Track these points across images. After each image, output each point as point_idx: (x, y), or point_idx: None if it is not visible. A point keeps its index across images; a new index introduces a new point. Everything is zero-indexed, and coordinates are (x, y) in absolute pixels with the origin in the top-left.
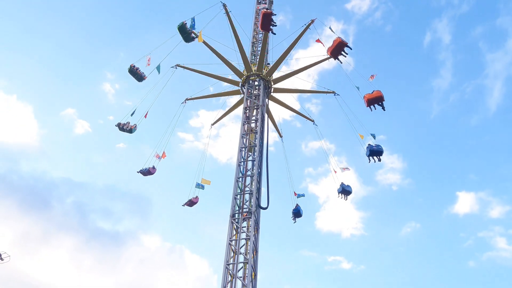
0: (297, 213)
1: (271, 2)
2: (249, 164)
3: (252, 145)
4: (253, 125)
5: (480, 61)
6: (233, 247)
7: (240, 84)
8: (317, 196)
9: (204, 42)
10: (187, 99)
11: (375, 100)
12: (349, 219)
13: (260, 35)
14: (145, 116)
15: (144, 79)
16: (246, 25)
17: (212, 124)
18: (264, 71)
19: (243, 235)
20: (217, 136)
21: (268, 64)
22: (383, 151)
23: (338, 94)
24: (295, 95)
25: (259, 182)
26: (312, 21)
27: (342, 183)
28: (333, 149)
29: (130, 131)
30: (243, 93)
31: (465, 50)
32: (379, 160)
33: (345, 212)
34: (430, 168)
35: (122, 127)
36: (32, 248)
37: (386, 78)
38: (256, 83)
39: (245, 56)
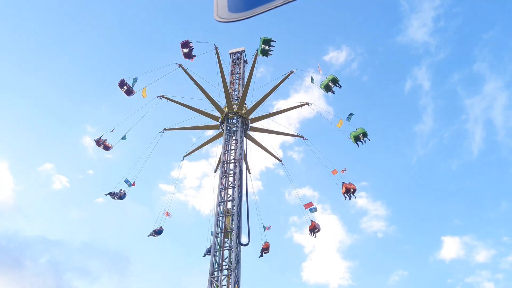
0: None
1: (245, 61)
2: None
3: (229, 230)
4: (231, 179)
5: (460, 106)
6: None
7: (219, 120)
8: (302, 245)
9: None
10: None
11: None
12: (336, 269)
13: (237, 74)
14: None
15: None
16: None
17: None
18: (244, 110)
19: None
20: (199, 186)
21: (246, 104)
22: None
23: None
24: (278, 143)
25: (238, 236)
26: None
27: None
28: (316, 196)
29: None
30: (222, 129)
31: (445, 96)
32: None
33: (331, 262)
34: (414, 214)
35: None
36: None
37: (368, 126)
38: (234, 120)
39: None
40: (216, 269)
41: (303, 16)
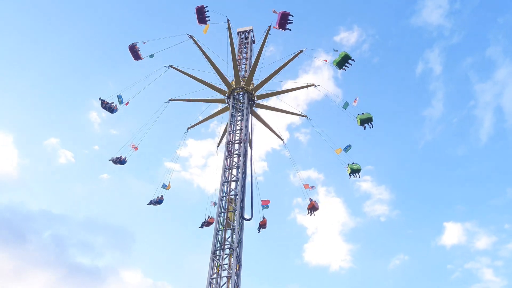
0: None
1: (252, 41)
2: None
3: (232, 210)
4: (235, 159)
5: (470, 91)
6: (214, 286)
7: (226, 94)
8: (305, 227)
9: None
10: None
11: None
12: (338, 252)
13: (244, 54)
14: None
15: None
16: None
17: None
18: (251, 87)
19: (225, 273)
20: (205, 165)
21: (253, 82)
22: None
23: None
24: (285, 124)
25: (241, 216)
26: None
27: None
28: (321, 178)
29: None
30: (228, 104)
31: (456, 81)
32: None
33: (333, 244)
34: (417, 199)
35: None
36: (3, 286)
37: (376, 109)
38: (240, 96)
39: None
40: (218, 248)
41: None
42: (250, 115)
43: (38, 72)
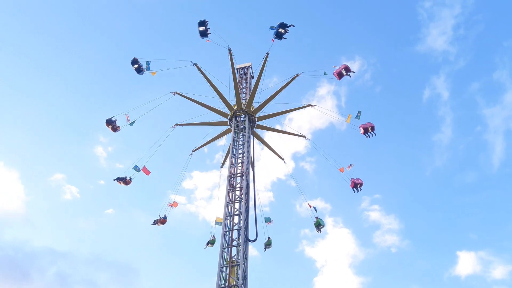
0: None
1: (251, 76)
2: (235, 233)
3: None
4: (238, 192)
5: (479, 116)
6: None
7: (228, 117)
8: (314, 260)
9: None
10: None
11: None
12: (349, 285)
13: (243, 89)
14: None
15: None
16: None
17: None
18: (252, 109)
19: None
20: (210, 197)
21: (253, 105)
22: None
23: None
24: (290, 153)
25: (245, 251)
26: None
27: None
28: (329, 208)
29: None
30: (231, 126)
31: (464, 106)
32: None
33: (344, 277)
34: (428, 228)
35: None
36: None
37: (383, 135)
38: (242, 118)
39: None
40: (222, 286)
41: (317, 26)
42: (252, 136)
43: (43, 107)
